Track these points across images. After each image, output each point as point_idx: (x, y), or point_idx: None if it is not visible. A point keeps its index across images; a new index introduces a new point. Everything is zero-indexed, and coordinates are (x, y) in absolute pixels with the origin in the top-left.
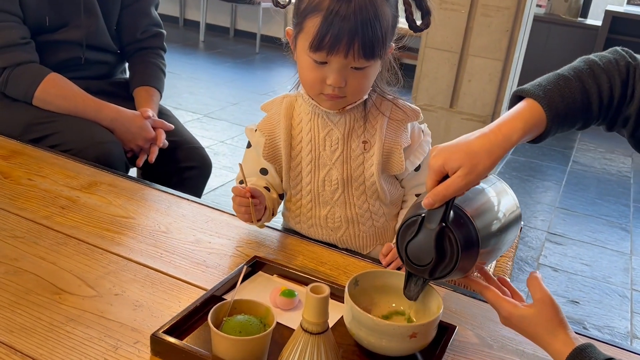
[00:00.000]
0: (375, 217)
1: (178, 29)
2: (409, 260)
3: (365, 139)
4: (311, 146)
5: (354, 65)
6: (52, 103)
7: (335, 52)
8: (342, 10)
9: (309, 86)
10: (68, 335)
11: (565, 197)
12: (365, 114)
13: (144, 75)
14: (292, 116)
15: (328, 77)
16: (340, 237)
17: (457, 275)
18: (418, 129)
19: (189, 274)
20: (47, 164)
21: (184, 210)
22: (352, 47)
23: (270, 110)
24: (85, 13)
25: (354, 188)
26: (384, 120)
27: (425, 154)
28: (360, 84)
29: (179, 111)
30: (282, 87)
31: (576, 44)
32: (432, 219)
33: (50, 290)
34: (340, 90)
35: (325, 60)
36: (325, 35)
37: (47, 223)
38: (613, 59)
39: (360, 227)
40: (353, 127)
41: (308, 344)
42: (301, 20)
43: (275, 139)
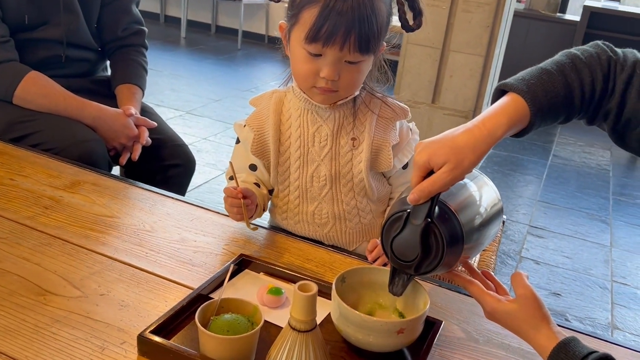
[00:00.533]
0: (362, 213)
1: (159, 25)
2: (395, 256)
3: (354, 136)
4: (300, 142)
5: (349, 59)
6: (32, 102)
7: (331, 44)
8: (340, 2)
9: (302, 79)
10: (54, 337)
11: (546, 190)
12: (355, 111)
13: (125, 73)
14: (282, 111)
15: (322, 70)
16: (326, 233)
17: (442, 271)
18: (406, 127)
19: (175, 273)
20: (28, 164)
21: (168, 208)
22: (349, 40)
23: (259, 105)
24: (65, 11)
25: (342, 184)
26: (373, 117)
27: (413, 152)
28: (353, 79)
29: (161, 108)
30: (264, 83)
31: (555, 39)
32: (417, 215)
33: (34, 292)
34: (333, 83)
35: (320, 52)
36: (322, 26)
37: (30, 223)
38: (595, 53)
39: (347, 223)
40: (342, 124)
41: (296, 342)
42: (297, 12)
43: (263, 134)
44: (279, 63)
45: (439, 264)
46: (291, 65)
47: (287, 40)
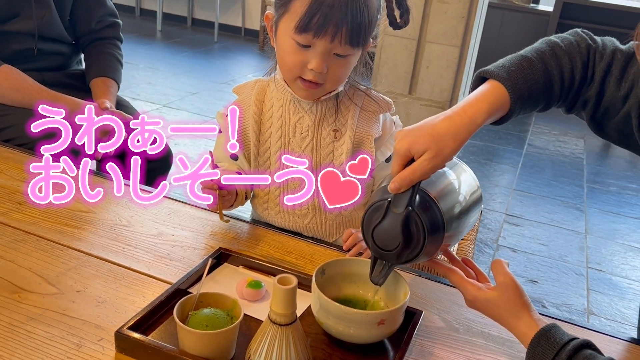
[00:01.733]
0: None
1: (134, 18)
2: (376, 245)
3: (336, 128)
4: (281, 132)
5: (338, 52)
6: (5, 96)
7: (322, 35)
8: None
9: (288, 70)
10: (29, 335)
11: (522, 179)
12: (337, 103)
13: (100, 66)
14: (263, 101)
15: (310, 62)
16: (306, 224)
17: (423, 259)
18: (390, 120)
19: (152, 268)
20: (1, 159)
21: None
22: (340, 31)
23: (242, 94)
24: (37, 3)
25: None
26: (356, 110)
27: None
28: (340, 72)
29: (137, 102)
30: (241, 75)
31: (529, 29)
32: (398, 204)
33: (9, 289)
34: (320, 76)
35: (309, 43)
36: (314, 16)
37: (3, 220)
38: (574, 41)
39: (327, 215)
40: (324, 116)
41: (277, 336)
42: (287, 2)
43: (244, 124)
44: (255, 55)
45: (420, 252)
46: (277, 56)
47: (273, 31)
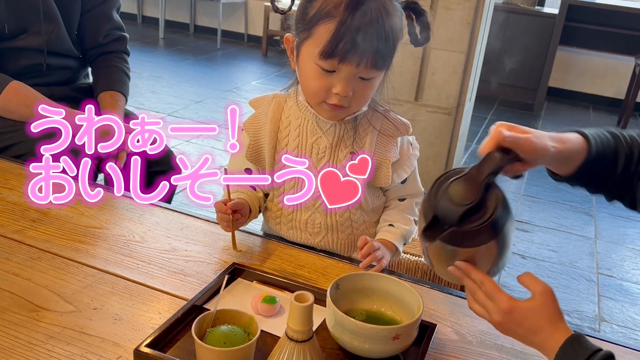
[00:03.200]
0: (355, 224)
1: (136, 26)
2: (446, 199)
3: (353, 150)
4: (297, 152)
5: (362, 76)
6: (15, 112)
7: (348, 60)
8: (358, 17)
9: (312, 94)
10: (49, 354)
11: (530, 184)
12: (356, 125)
13: (108, 80)
14: (280, 119)
15: (335, 86)
16: (318, 242)
17: (471, 243)
18: (407, 142)
19: (167, 284)
20: (13, 176)
21: (157, 217)
22: (366, 56)
23: (258, 109)
24: (45, 19)
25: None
26: (374, 133)
27: (412, 168)
28: (365, 94)
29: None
30: (245, 82)
31: (534, 32)
32: (482, 169)
33: (27, 308)
34: (345, 99)
35: (334, 68)
36: (340, 42)
37: (18, 237)
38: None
39: (339, 234)
40: (342, 137)
41: (294, 352)
42: (310, 27)
43: (259, 141)
44: (259, 62)
45: (484, 223)
46: (300, 80)
47: (294, 54)
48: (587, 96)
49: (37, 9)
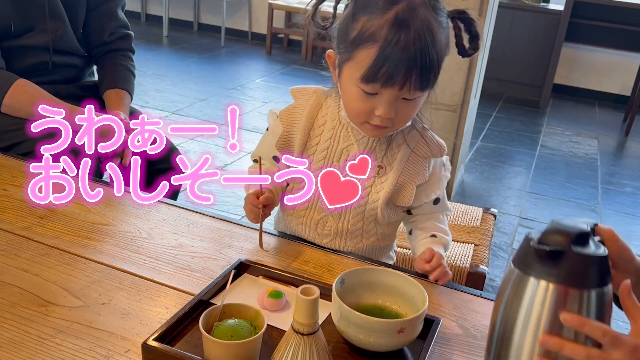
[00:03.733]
0: (366, 235)
1: (140, 24)
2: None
3: (381, 164)
4: (326, 153)
5: (406, 97)
6: (21, 110)
7: (391, 85)
8: (401, 40)
9: (355, 115)
10: (58, 348)
11: (535, 181)
12: (390, 139)
13: (113, 78)
14: (317, 116)
15: (377, 109)
16: (325, 243)
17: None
18: (440, 163)
19: (174, 279)
20: (20, 173)
21: (163, 214)
22: (409, 79)
23: (298, 100)
24: (51, 17)
25: (354, 207)
26: (406, 151)
27: (442, 189)
28: (408, 114)
29: (146, 109)
30: (249, 80)
31: (539, 29)
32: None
33: (36, 303)
34: (388, 121)
35: (376, 91)
36: (382, 67)
37: (26, 234)
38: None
39: (347, 241)
40: (374, 149)
41: (300, 345)
42: (351, 50)
43: (291, 134)
44: (263, 59)
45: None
46: (343, 99)
47: (338, 71)
48: (592, 93)
49: (42, 7)
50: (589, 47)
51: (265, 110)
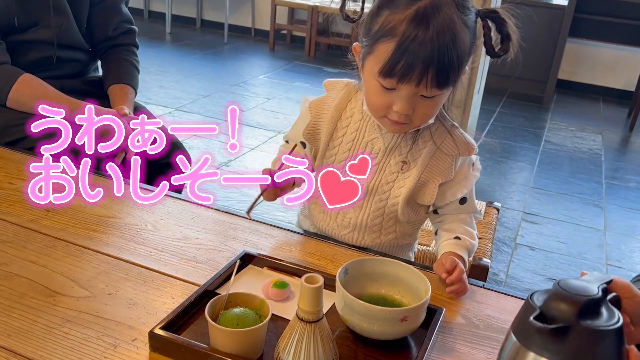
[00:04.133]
0: (384, 231)
1: (143, 21)
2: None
3: (406, 160)
4: (352, 145)
5: (424, 94)
6: (26, 104)
7: (407, 80)
8: (419, 36)
9: (374, 109)
10: (66, 336)
11: (539, 176)
12: (416, 136)
13: (117, 73)
14: (345, 108)
15: (395, 104)
16: (344, 234)
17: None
18: (469, 162)
19: (179, 270)
20: (26, 167)
21: (168, 207)
22: (426, 76)
23: (329, 92)
24: (55, 12)
25: (375, 200)
26: (432, 148)
27: (469, 188)
28: (428, 112)
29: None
30: (253, 77)
31: (543, 24)
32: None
33: (44, 293)
34: (406, 117)
35: (394, 87)
36: (398, 62)
37: (33, 226)
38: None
39: (365, 235)
40: (399, 144)
41: (305, 333)
42: (372, 43)
43: (319, 123)
44: (266, 56)
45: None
46: (364, 93)
47: (361, 65)
48: (597, 88)
49: (46, 2)
50: (593, 42)
51: (268, 106)
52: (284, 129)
